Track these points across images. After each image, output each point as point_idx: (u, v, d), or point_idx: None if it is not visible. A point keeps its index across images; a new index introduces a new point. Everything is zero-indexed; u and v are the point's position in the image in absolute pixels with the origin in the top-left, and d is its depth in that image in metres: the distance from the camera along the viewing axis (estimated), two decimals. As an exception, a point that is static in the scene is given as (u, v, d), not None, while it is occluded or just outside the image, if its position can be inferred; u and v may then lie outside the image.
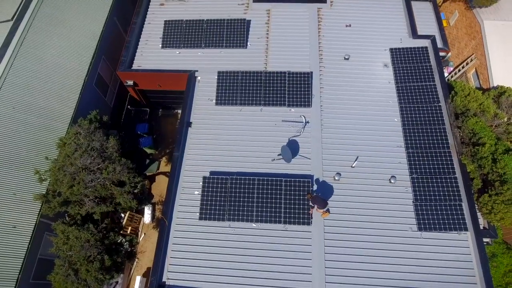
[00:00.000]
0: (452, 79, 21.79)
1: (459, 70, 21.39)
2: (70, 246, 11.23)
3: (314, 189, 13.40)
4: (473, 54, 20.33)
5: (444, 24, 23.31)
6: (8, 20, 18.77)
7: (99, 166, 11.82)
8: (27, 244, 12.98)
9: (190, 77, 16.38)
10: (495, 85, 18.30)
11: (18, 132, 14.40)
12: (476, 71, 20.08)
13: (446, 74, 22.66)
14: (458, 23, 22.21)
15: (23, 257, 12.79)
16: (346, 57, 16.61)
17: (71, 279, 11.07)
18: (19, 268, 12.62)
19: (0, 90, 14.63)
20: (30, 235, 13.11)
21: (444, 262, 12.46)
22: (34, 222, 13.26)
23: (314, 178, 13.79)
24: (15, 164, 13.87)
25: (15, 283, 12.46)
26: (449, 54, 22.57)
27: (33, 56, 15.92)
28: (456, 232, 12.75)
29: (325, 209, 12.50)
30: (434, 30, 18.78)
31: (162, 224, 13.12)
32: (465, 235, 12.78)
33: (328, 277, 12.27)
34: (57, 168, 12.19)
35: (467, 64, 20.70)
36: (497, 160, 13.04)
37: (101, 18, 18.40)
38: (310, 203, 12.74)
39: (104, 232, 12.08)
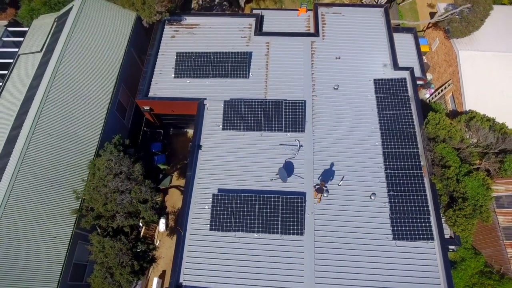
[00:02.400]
0: (433, 100, 24.27)
1: (438, 93, 23.87)
2: (105, 254, 13.72)
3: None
4: (450, 79, 22.81)
5: (427, 49, 25.96)
6: (37, 52, 21.34)
7: (127, 187, 14.32)
8: (66, 251, 15.50)
9: (199, 105, 18.84)
10: (467, 109, 20.78)
11: (55, 155, 16.88)
12: (453, 95, 22.57)
13: (428, 95, 25.22)
14: (439, 49, 24.70)
15: (63, 263, 15.31)
16: (336, 87, 19.06)
17: (108, 281, 13.56)
18: (60, 272, 15.14)
19: (39, 119, 17.09)
20: (68, 243, 15.63)
21: (414, 266, 14.95)
22: (71, 233, 15.79)
23: (307, 195, 16.28)
24: (53, 183, 16.35)
25: (56, 284, 14.97)
26: (431, 77, 25.18)
27: (65, 88, 18.36)
28: (424, 241, 15.24)
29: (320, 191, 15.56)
30: (414, 60, 21.24)
31: (179, 234, 15.61)
32: (432, 243, 15.27)
33: (317, 278, 14.75)
34: (92, 188, 14.69)
35: (445, 88, 23.18)
36: (460, 180, 15.53)
37: (121, 50, 20.87)
38: (317, 189, 15.60)
39: (133, 242, 14.58)
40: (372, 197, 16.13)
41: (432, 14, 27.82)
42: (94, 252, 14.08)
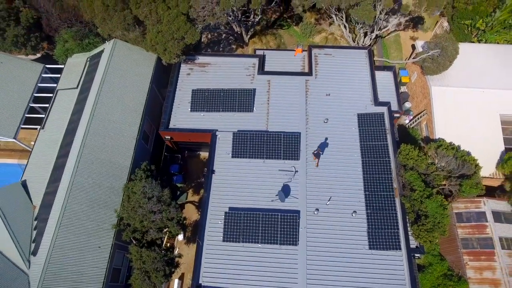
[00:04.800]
0: (411, 126, 28.13)
1: (416, 120, 27.72)
2: (143, 261, 17.60)
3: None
4: (425, 110, 26.65)
5: (407, 80, 29.87)
6: (74, 88, 25.25)
7: (158, 208, 18.21)
8: (108, 258, 19.41)
9: (212, 135, 22.70)
10: (437, 137, 24.57)
11: (96, 179, 20.77)
12: (427, 123, 26.43)
13: (407, 121, 29.07)
14: (417, 82, 28.53)
15: (106, 267, 19.21)
16: (325, 120, 22.89)
17: (146, 283, 17.43)
18: (104, 275, 19.04)
19: (83, 150, 20.97)
20: (109, 252, 19.54)
21: (385, 271, 18.79)
22: (111, 243, 19.70)
23: (301, 212, 20.15)
24: (95, 203, 20.25)
25: (102, 285, 18.88)
26: (410, 105, 29.04)
27: (101, 123, 22.22)
28: (394, 250, 19.09)
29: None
30: (392, 95, 25.04)
31: (198, 244, 19.49)
32: (400, 252, 19.11)
33: (309, 280, 18.61)
34: (130, 208, 18.59)
35: (421, 116, 27.03)
36: (423, 202, 19.39)
37: (145, 88, 24.73)
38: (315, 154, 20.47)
39: (164, 251, 18.46)
40: (354, 214, 19.98)
41: (413, 46, 31.57)
42: (134, 260, 17.98)
